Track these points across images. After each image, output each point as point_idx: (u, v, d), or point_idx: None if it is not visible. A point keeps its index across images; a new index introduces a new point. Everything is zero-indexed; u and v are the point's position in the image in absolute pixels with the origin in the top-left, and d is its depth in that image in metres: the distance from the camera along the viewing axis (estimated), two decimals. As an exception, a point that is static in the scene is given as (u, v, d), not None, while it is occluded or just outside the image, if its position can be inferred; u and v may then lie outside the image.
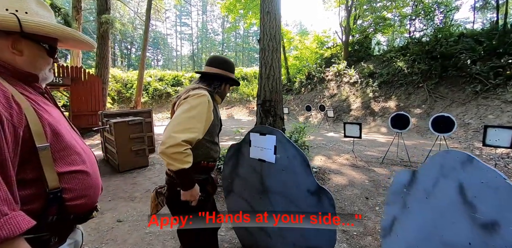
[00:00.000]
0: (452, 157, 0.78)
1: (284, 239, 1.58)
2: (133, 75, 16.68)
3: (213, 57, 1.41)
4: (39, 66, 0.81)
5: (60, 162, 0.76)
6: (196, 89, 1.26)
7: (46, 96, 0.87)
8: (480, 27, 12.15)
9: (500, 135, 3.47)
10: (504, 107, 7.18)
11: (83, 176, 0.83)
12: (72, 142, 0.82)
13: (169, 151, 1.04)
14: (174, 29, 47.96)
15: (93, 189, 0.88)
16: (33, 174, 0.70)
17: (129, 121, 4.43)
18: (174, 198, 1.24)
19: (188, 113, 1.13)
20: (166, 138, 1.07)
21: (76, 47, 0.99)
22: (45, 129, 0.72)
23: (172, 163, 1.06)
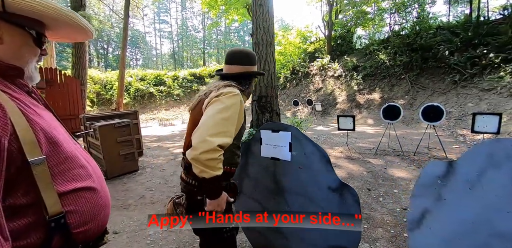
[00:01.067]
0: (506, 145, 0.74)
1: (303, 240, 1.52)
2: (113, 76, 15.99)
3: (232, 53, 1.25)
4: (23, 57, 0.63)
5: (61, 178, 0.60)
6: (229, 87, 1.12)
7: (34, 96, 0.70)
8: (453, 20, 12.66)
9: (488, 122, 3.60)
10: (481, 95, 7.53)
11: (91, 194, 0.67)
12: (73, 152, 0.66)
13: (204, 157, 0.92)
14: (152, 26, 46.44)
15: (103, 208, 0.71)
16: (27, 198, 0.54)
17: (116, 124, 4.19)
18: (195, 208, 1.11)
19: (223, 114, 1.00)
20: (199, 142, 0.93)
21: (68, 37, 0.77)
22: (38, 137, 0.56)
23: (206, 170, 0.94)
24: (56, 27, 0.69)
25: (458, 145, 5.36)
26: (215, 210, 1.07)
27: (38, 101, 0.71)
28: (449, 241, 0.93)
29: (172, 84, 18.07)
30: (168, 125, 13.78)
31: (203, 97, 1.15)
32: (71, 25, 0.68)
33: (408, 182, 3.27)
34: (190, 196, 1.15)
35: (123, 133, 4.26)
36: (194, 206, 1.13)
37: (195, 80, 19.47)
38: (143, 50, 43.49)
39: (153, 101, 16.83)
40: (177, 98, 17.62)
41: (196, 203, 1.12)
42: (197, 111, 1.14)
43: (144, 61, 44.71)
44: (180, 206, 1.14)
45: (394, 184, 3.22)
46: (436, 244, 1.00)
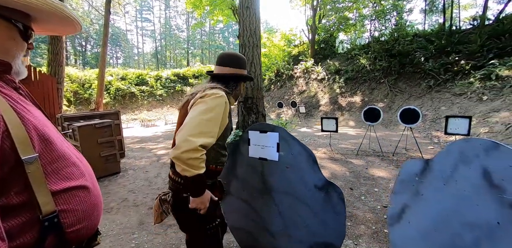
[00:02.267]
0: (474, 144, 0.82)
1: (290, 238, 1.56)
2: (92, 74, 15.34)
3: (224, 55, 1.30)
4: (10, 51, 0.61)
5: (54, 177, 0.59)
6: (214, 89, 1.15)
7: (21, 92, 0.68)
8: (428, 28, 13.42)
9: (459, 124, 3.87)
10: (453, 99, 8.03)
11: (84, 192, 0.66)
12: (65, 150, 0.65)
13: (185, 156, 0.94)
14: (134, 24, 45.16)
15: (96, 208, 0.71)
16: (20, 198, 0.53)
17: (97, 124, 4.05)
18: (181, 205, 1.14)
19: (205, 115, 1.02)
20: (181, 142, 0.95)
21: (54, 30, 0.75)
22: (31, 135, 0.55)
23: (188, 169, 0.96)
24: (43, 20, 0.67)
25: (432, 146, 5.67)
26: (198, 208, 1.09)
27: (26, 97, 0.69)
28: (427, 233, 1.01)
29: (154, 84, 17.64)
30: (151, 126, 13.45)
31: (190, 97, 1.17)
32: (60, 18, 0.66)
33: (388, 181, 3.42)
34: (176, 194, 1.17)
35: (104, 134, 4.13)
36: (179, 203, 1.15)
37: (178, 81, 19.15)
38: (124, 48, 42.13)
39: (135, 101, 16.33)
40: (160, 98, 17.23)
41: (182, 201, 1.13)
42: (184, 111, 1.17)
43: (125, 60, 43.33)
44: (166, 203, 1.16)
45: (375, 183, 3.36)
46: (415, 237, 1.07)
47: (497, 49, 7.93)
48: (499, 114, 5.97)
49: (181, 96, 18.17)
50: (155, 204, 1.22)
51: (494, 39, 8.25)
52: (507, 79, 6.86)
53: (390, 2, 13.31)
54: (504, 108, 6.12)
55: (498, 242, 0.76)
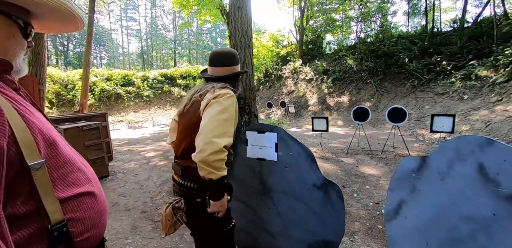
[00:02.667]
0: (469, 141, 0.86)
1: (290, 237, 1.57)
2: (75, 75, 14.83)
3: (218, 55, 1.25)
4: (10, 50, 0.57)
5: (61, 183, 0.57)
6: (224, 89, 1.14)
7: (21, 93, 0.64)
8: (411, 30, 13.89)
9: (444, 122, 4.03)
10: (436, 98, 8.34)
11: (91, 199, 0.64)
12: (70, 155, 0.63)
13: (212, 158, 0.92)
14: (119, 24, 44.02)
15: (103, 214, 0.69)
16: (27, 206, 0.50)
17: (83, 127, 3.93)
18: (195, 211, 1.11)
19: (222, 115, 1.02)
20: (206, 144, 0.93)
21: (54, 28, 0.71)
22: (37, 139, 0.52)
23: (214, 172, 0.95)
24: (44, 17, 0.63)
25: (418, 144, 5.87)
26: (218, 211, 1.07)
27: (26, 99, 0.65)
28: (424, 227, 1.05)
29: (141, 84, 17.26)
30: (138, 127, 13.15)
31: (198, 99, 1.14)
32: (63, 14, 0.62)
33: (378, 178, 3.51)
34: (188, 199, 1.14)
35: (91, 137, 4.01)
36: (193, 209, 1.13)
37: (166, 81, 18.83)
38: (109, 48, 41.02)
39: (121, 103, 15.92)
40: (147, 99, 16.88)
41: (196, 206, 1.11)
42: (192, 113, 1.14)
43: (110, 60, 42.17)
44: (180, 211, 1.11)
45: (366, 180, 3.44)
46: (412, 231, 1.11)
47: (476, 51, 8.31)
48: (479, 112, 6.26)
49: (169, 97, 17.89)
50: (166, 214, 1.14)
51: (473, 41, 8.64)
52: (486, 79, 7.20)
53: (375, 4, 13.69)
54: (483, 106, 6.42)
55: (493, 234, 0.80)
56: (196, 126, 1.04)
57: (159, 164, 4.81)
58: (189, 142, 1.13)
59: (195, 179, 1.09)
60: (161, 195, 3.29)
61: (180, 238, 2.25)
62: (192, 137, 1.03)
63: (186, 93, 11.48)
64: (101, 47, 39.65)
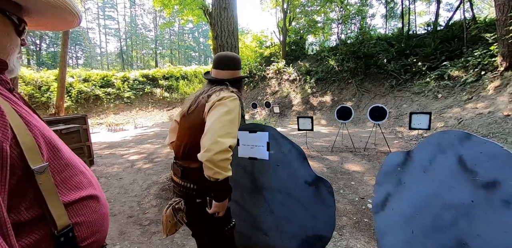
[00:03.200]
0: (450, 135, 0.94)
1: (282, 233, 1.61)
2: (49, 75, 14.10)
3: (223, 58, 1.28)
4: (5, 48, 0.55)
5: (64, 187, 0.56)
6: (228, 91, 1.17)
7: (15, 94, 0.61)
8: (389, 32, 14.51)
9: (421, 120, 4.26)
10: (413, 97, 8.77)
11: (94, 202, 0.63)
12: (72, 157, 0.62)
13: (217, 158, 0.93)
14: (96, 22, 42.31)
15: (106, 217, 0.68)
16: (32, 212, 0.48)
17: (63, 130, 3.77)
18: (196, 212, 1.12)
19: (228, 116, 1.03)
20: (212, 144, 0.94)
21: (47, 25, 0.67)
22: (39, 142, 0.51)
23: (220, 172, 0.95)
24: (38, 13, 0.60)
25: (398, 141, 6.14)
26: (219, 211, 1.09)
27: (20, 100, 0.62)
28: (410, 217, 1.12)
29: (121, 86, 16.70)
30: (119, 130, 12.72)
31: (203, 100, 1.15)
32: (61, 11, 0.60)
33: (362, 174, 3.65)
34: (189, 200, 1.15)
35: (71, 140, 3.86)
36: (193, 210, 1.13)
37: (148, 82, 18.35)
38: (85, 47, 39.31)
39: (100, 105, 15.33)
40: (127, 101, 16.36)
41: (196, 207, 1.12)
42: (196, 115, 1.15)
43: (87, 60, 40.40)
44: (180, 212, 1.12)
45: (351, 177, 3.56)
46: (399, 222, 1.18)
47: (448, 52, 8.83)
48: (452, 110, 6.66)
49: (151, 99, 17.44)
50: (167, 215, 1.16)
51: (445, 43, 9.17)
52: (457, 79, 7.67)
53: (355, 7, 14.17)
54: (455, 104, 6.83)
55: (472, 219, 0.88)
56: (198, 128, 1.06)
57: (144, 167, 4.69)
58: (190, 143, 1.13)
59: (195, 180, 1.10)
60: (148, 199, 3.22)
61: (171, 241, 2.22)
62: (193, 138, 1.04)
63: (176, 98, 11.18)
64: (77, 47, 37.93)
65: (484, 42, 7.73)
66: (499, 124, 4.84)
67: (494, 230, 0.82)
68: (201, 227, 1.21)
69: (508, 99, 5.50)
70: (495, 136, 4.51)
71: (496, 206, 0.82)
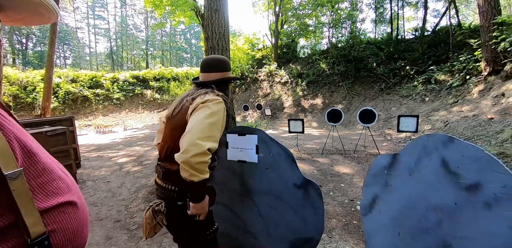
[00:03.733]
0: (434, 139, 0.96)
1: (271, 236, 1.60)
2: (35, 76, 13.71)
3: (209, 61, 1.29)
4: None
5: (40, 193, 0.53)
6: (214, 95, 1.15)
7: None
8: (378, 37, 14.83)
9: (409, 123, 4.35)
10: (401, 100, 8.96)
11: (73, 209, 0.60)
12: (49, 162, 0.60)
13: (195, 160, 0.92)
14: (86, 22, 41.50)
15: (85, 225, 0.65)
16: (5, 219, 0.46)
17: (48, 132, 3.66)
18: (176, 214, 1.10)
19: (210, 119, 1.02)
20: (190, 145, 0.93)
21: (23, 20, 0.63)
22: (13, 146, 0.49)
23: (196, 174, 0.94)
24: (12, 9, 0.58)
25: (387, 143, 6.25)
26: (198, 214, 1.06)
27: None
28: (396, 219, 1.13)
29: (111, 87, 16.39)
30: (107, 132, 12.45)
31: (188, 103, 1.14)
32: (36, 5, 0.58)
33: (352, 176, 3.69)
34: (170, 203, 1.13)
35: (57, 143, 3.74)
36: (174, 212, 1.11)
37: (138, 83, 18.08)
38: (74, 47, 38.47)
39: (88, 106, 14.99)
40: (117, 102, 16.06)
41: (177, 209, 1.10)
42: (180, 117, 1.14)
43: (75, 60, 39.52)
44: (160, 214, 1.10)
45: (341, 179, 3.59)
46: (386, 224, 1.19)
47: (435, 57, 9.09)
48: (439, 113, 6.84)
49: (141, 100, 17.20)
50: (146, 217, 1.14)
51: (432, 48, 9.44)
52: (443, 83, 7.89)
53: (345, 11, 14.43)
54: (442, 107, 7.02)
55: (456, 220, 0.90)
56: (181, 130, 1.04)
57: (132, 170, 4.61)
58: (173, 145, 1.12)
59: (176, 182, 1.08)
60: (136, 203, 3.16)
61: (159, 245, 2.18)
62: (176, 140, 1.02)
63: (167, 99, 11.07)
64: (65, 46, 37.07)
65: (469, 48, 7.99)
66: (483, 127, 4.99)
67: (477, 232, 0.84)
68: (182, 230, 1.19)
69: (491, 102, 5.70)
70: (479, 139, 4.65)
71: (478, 208, 0.83)
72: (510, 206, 0.76)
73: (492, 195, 0.80)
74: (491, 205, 0.80)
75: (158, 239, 2.28)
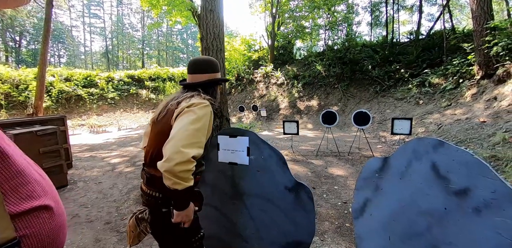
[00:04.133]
0: (424, 143, 0.95)
1: (262, 240, 1.58)
2: (28, 74, 13.49)
3: (196, 62, 1.26)
4: None
5: (13, 196, 0.51)
6: (199, 98, 1.11)
7: None
8: (374, 40, 14.97)
9: (403, 125, 4.37)
10: (396, 103, 9.04)
11: (48, 213, 0.58)
12: (24, 164, 0.57)
13: (178, 168, 0.89)
14: (81, 20, 41.07)
15: (61, 229, 0.62)
16: None
17: (38, 131, 3.58)
18: (161, 222, 1.07)
19: (195, 125, 0.98)
20: (173, 153, 0.90)
21: None
22: None
23: (179, 182, 0.91)
24: None
25: (381, 145, 6.28)
26: (183, 221, 1.04)
27: None
28: (387, 223, 1.12)
29: (105, 86, 16.22)
30: (101, 132, 12.31)
31: (173, 107, 1.11)
32: None
33: (345, 179, 3.68)
34: (154, 210, 1.10)
35: (47, 143, 3.67)
36: (159, 220, 1.08)
37: (133, 83, 17.93)
38: (69, 46, 38.01)
39: (82, 105, 14.80)
40: (111, 102, 15.89)
41: (162, 216, 1.07)
42: (165, 121, 1.10)
43: (70, 59, 39.05)
44: (143, 221, 1.07)
45: (334, 181, 3.59)
46: (376, 227, 1.18)
47: (429, 60, 9.19)
48: (432, 115, 6.90)
49: (136, 100, 17.06)
50: (130, 225, 1.11)
51: (427, 51, 9.55)
52: (437, 86, 7.98)
53: (341, 14, 14.55)
54: (435, 110, 7.09)
55: (445, 226, 0.89)
56: (166, 135, 1.01)
57: (125, 170, 4.54)
58: (157, 151, 1.09)
59: (161, 189, 1.04)
60: (128, 204, 3.11)
61: None
62: (160, 146, 0.99)
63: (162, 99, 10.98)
64: (59, 45, 36.62)
65: (462, 52, 8.10)
66: (475, 130, 5.05)
67: (465, 238, 0.83)
68: (167, 237, 1.16)
69: (483, 106, 5.77)
70: (472, 142, 4.70)
71: (467, 213, 0.82)
72: (499, 212, 0.75)
73: (482, 200, 0.79)
74: (481, 211, 0.79)
75: (147, 241, 2.24)
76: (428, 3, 13.96)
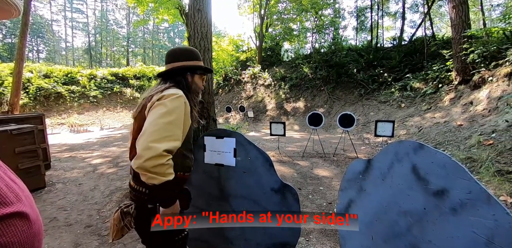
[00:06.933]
0: (405, 145, 0.98)
1: (247, 242, 1.58)
2: (4, 69, 12.81)
3: (170, 52, 1.22)
4: None
5: None
6: (170, 89, 1.07)
7: None
8: (359, 44, 15.38)
9: (385, 127, 4.51)
10: (379, 106, 9.31)
11: (22, 220, 0.54)
12: None
13: (149, 164, 0.87)
14: (62, 14, 39.41)
15: (37, 237, 0.58)
16: None
17: (13, 130, 3.40)
18: (145, 217, 1.04)
19: (166, 118, 0.96)
20: (142, 150, 0.88)
21: None
22: None
23: (155, 177, 0.90)
24: None
25: (365, 147, 6.45)
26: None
27: None
28: (370, 223, 1.15)
29: (87, 84, 15.65)
30: (82, 131, 11.87)
31: (145, 101, 1.08)
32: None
33: (331, 179, 3.75)
34: (139, 205, 1.09)
35: (23, 142, 3.49)
36: (144, 215, 1.06)
37: (117, 81, 17.43)
38: (48, 41, 36.38)
39: (62, 103, 14.20)
40: (94, 100, 15.36)
41: (147, 212, 1.05)
42: (141, 117, 1.08)
43: (49, 54, 37.36)
44: (128, 216, 1.05)
45: (320, 182, 3.64)
46: (360, 228, 1.20)
47: (411, 65, 9.55)
48: (413, 118, 7.17)
49: (120, 99, 16.60)
50: (114, 218, 1.09)
51: (409, 56, 9.93)
52: (418, 90, 8.30)
53: (328, 18, 14.85)
54: (416, 114, 7.37)
55: (425, 225, 0.93)
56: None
57: (107, 172, 4.40)
58: None
59: (146, 184, 1.03)
60: (110, 206, 3.01)
61: (132, 251, 2.08)
62: None
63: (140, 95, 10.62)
64: (38, 39, 34.98)
65: (442, 58, 8.48)
66: (453, 132, 5.29)
67: (443, 236, 0.86)
68: (149, 233, 1.14)
69: (460, 110, 6.06)
70: (450, 144, 4.92)
71: (445, 213, 0.86)
72: (474, 211, 0.80)
73: (458, 200, 0.83)
74: (457, 210, 0.83)
75: (131, 245, 2.18)
76: (410, 11, 14.54)
